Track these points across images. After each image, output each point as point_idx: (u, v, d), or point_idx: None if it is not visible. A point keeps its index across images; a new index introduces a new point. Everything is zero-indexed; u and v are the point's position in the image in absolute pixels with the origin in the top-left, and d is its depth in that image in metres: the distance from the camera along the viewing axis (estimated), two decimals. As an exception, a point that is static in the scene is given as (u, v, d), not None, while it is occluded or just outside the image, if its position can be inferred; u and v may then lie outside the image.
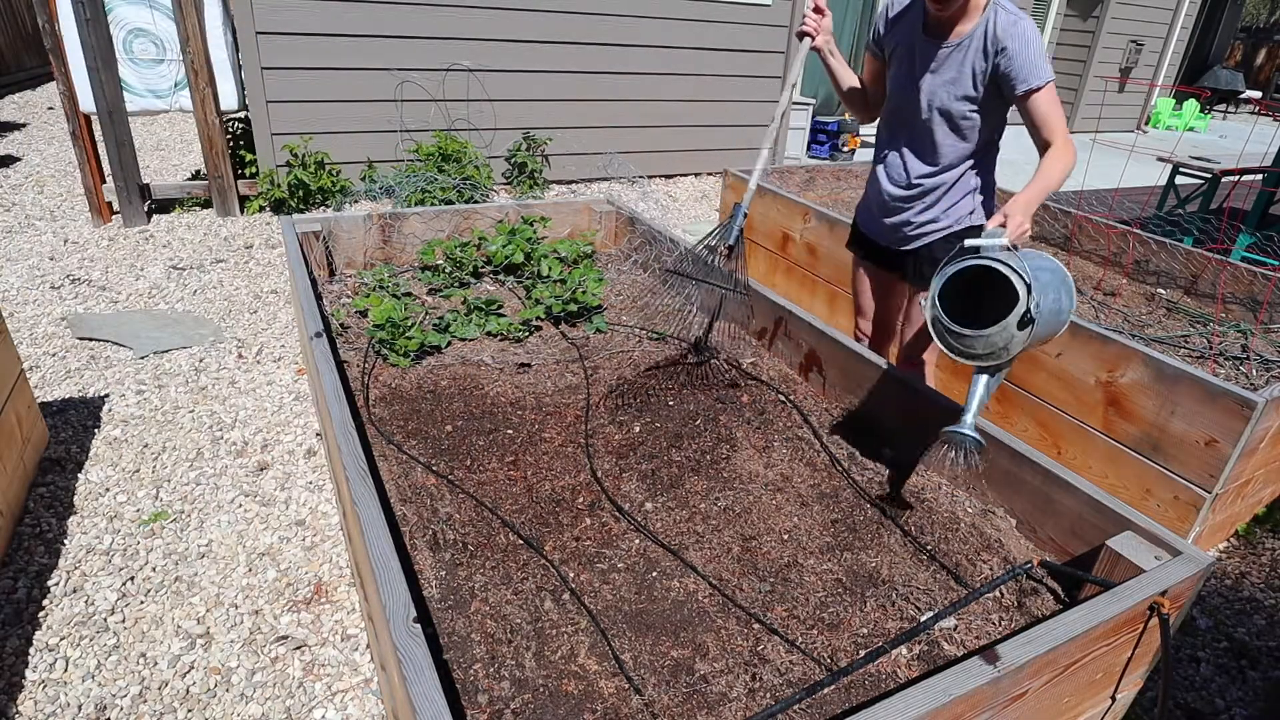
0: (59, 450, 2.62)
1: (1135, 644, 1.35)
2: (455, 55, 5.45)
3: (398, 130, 5.46)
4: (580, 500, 1.78)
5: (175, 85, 4.66)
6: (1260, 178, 5.30)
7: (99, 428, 2.76)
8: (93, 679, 1.84)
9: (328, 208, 5.12)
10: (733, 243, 2.02)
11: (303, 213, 5.01)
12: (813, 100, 7.60)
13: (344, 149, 5.30)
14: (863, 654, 1.40)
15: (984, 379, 1.61)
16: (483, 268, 3.02)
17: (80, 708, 1.77)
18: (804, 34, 2.11)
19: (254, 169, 5.15)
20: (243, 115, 5.15)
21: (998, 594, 1.55)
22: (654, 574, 1.57)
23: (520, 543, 1.63)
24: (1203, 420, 2.18)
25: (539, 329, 2.63)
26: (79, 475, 2.52)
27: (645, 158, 6.50)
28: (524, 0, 5.48)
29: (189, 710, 1.78)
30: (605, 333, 2.63)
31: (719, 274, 2.06)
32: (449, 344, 2.46)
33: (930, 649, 1.43)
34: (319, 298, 2.47)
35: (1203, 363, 2.98)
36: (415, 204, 4.88)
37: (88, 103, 4.36)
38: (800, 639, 1.44)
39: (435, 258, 2.94)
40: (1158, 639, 1.33)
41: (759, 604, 1.52)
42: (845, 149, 7.63)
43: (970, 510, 1.80)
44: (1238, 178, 5.21)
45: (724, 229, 2.04)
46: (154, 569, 2.17)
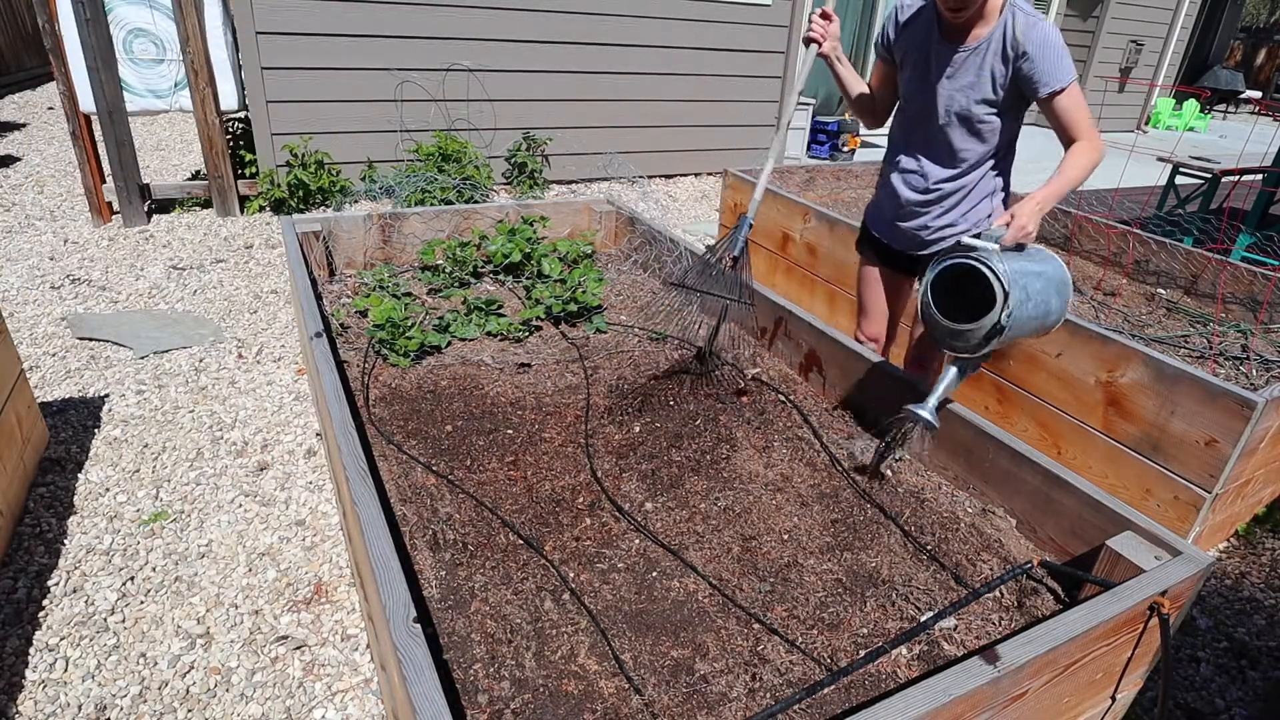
0: (59, 450, 2.62)
1: (1135, 644, 1.35)
2: (455, 55, 5.46)
3: (398, 130, 5.46)
4: (580, 500, 1.78)
5: (175, 85, 4.66)
6: (1260, 178, 5.30)
7: (99, 428, 2.76)
8: (93, 679, 1.84)
9: (328, 208, 5.12)
10: (737, 253, 2.01)
11: (303, 213, 5.00)
12: (813, 100, 7.60)
13: (344, 149, 5.30)
14: (863, 654, 1.40)
15: (953, 370, 1.76)
16: (483, 268, 3.02)
17: (80, 708, 1.77)
18: (811, 40, 2.06)
19: (254, 169, 5.15)
20: (243, 115, 5.15)
21: (998, 594, 1.55)
22: (654, 574, 1.57)
23: (520, 543, 1.63)
24: (1203, 420, 2.18)
25: (539, 329, 2.63)
26: (79, 475, 2.52)
27: (645, 158, 6.50)
28: (524, 0, 5.48)
29: (189, 710, 1.78)
30: (605, 333, 2.63)
31: (723, 284, 2.04)
32: (449, 344, 2.46)
33: (930, 649, 1.43)
34: (319, 298, 2.47)
35: (1203, 363, 2.98)
36: (415, 204, 4.88)
37: (88, 103, 4.36)
38: (800, 639, 1.44)
39: (435, 258, 2.94)
40: (1158, 639, 1.34)
41: (759, 604, 1.52)
42: (845, 149, 7.63)
43: (970, 510, 1.80)
44: (1238, 178, 5.21)
45: (729, 239, 2.03)
46: (154, 569, 2.17)
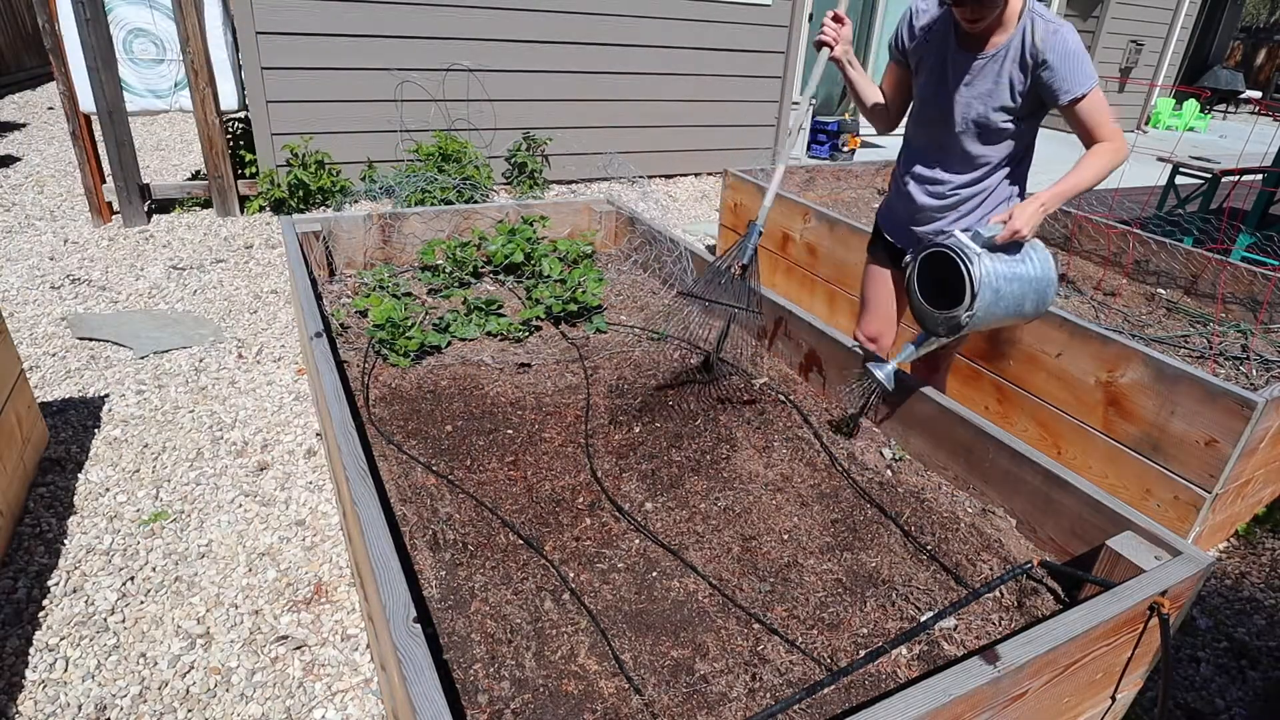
0: (59, 450, 2.62)
1: (1135, 644, 1.35)
2: (455, 55, 5.46)
3: (398, 130, 5.46)
4: (580, 500, 1.78)
5: (175, 85, 4.66)
6: (1260, 178, 5.30)
7: (99, 428, 2.76)
8: (93, 679, 1.84)
9: (328, 208, 5.12)
10: (746, 261, 2.00)
11: (303, 213, 5.00)
12: (813, 100, 7.59)
13: (344, 149, 5.30)
14: (863, 654, 1.40)
15: (928, 342, 1.93)
16: (483, 268, 3.02)
17: (80, 708, 1.77)
18: (822, 43, 2.02)
19: (254, 169, 5.15)
20: (243, 115, 5.15)
21: (998, 594, 1.55)
22: (654, 574, 1.57)
23: (520, 543, 1.63)
24: (1203, 420, 2.18)
25: (539, 329, 2.63)
26: (79, 475, 2.52)
27: (645, 158, 6.50)
28: (524, 0, 5.48)
29: (189, 710, 1.78)
30: (605, 333, 2.63)
31: (731, 292, 2.03)
32: (449, 344, 2.46)
33: (930, 649, 1.43)
34: (319, 298, 2.47)
35: (1203, 363, 2.98)
36: (415, 204, 4.88)
37: (88, 103, 4.36)
38: (800, 639, 1.44)
39: (435, 258, 2.94)
40: (1158, 639, 1.34)
41: (759, 604, 1.52)
42: (845, 149, 7.63)
43: (970, 510, 1.80)
44: (1238, 178, 5.21)
45: (739, 246, 2.02)
46: (154, 569, 2.17)
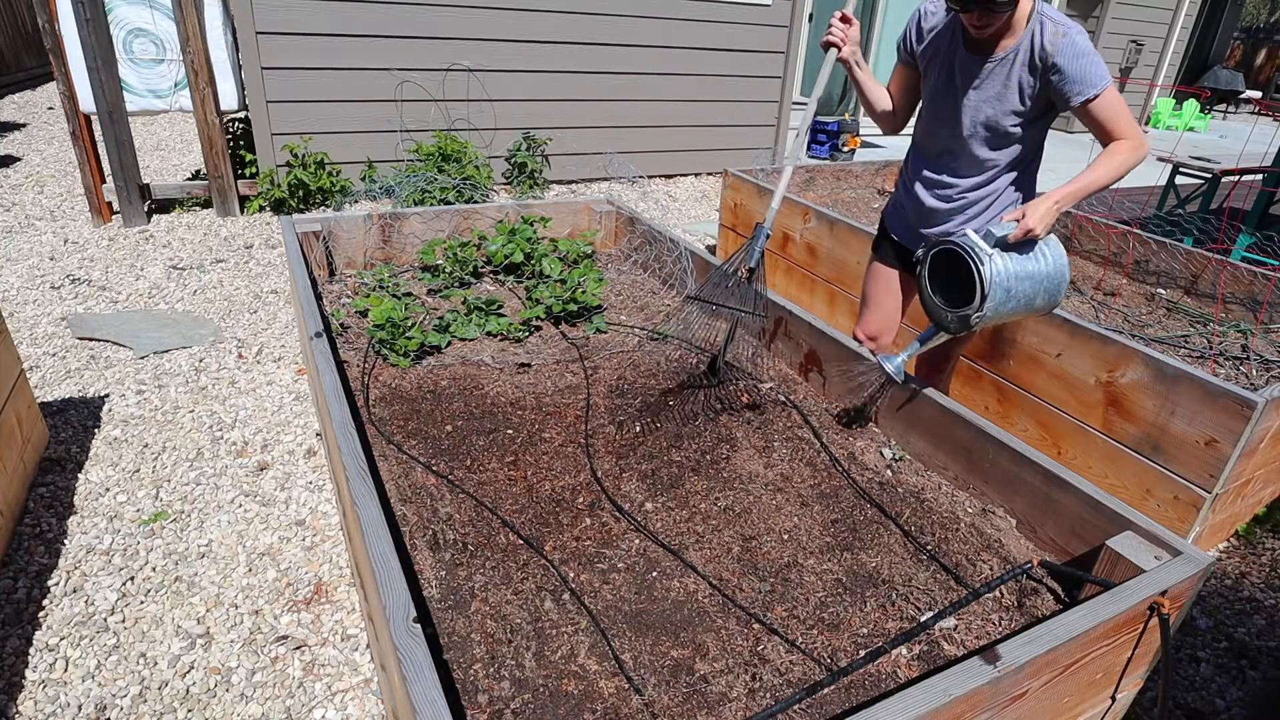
0: (59, 450, 2.62)
1: (1135, 644, 1.35)
2: (455, 55, 5.46)
3: (398, 130, 5.46)
4: (580, 500, 1.78)
5: (175, 85, 4.66)
6: (1260, 178, 5.30)
7: (99, 428, 2.76)
8: (93, 679, 1.84)
9: (328, 208, 5.12)
10: (754, 264, 1.99)
11: (303, 213, 5.01)
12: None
13: (344, 149, 5.30)
14: (863, 654, 1.40)
15: (936, 336, 1.90)
16: (483, 268, 3.02)
17: (80, 708, 1.77)
18: (830, 44, 2.00)
19: (254, 169, 5.15)
20: (243, 115, 5.15)
21: (998, 594, 1.55)
22: (654, 574, 1.57)
23: (520, 543, 1.63)
24: (1203, 420, 2.18)
25: (539, 329, 2.63)
26: (79, 475, 2.52)
27: (645, 158, 6.50)
28: (524, 0, 5.48)
29: (189, 710, 1.78)
30: (605, 333, 2.63)
31: (737, 296, 2.02)
32: (449, 344, 2.46)
33: (930, 649, 1.43)
34: (319, 298, 2.47)
35: (1203, 363, 2.98)
36: (415, 204, 4.88)
37: (88, 103, 4.36)
38: (800, 639, 1.44)
39: (435, 258, 2.94)
40: (1158, 639, 1.34)
41: (759, 604, 1.52)
42: (845, 149, 7.63)
43: (970, 510, 1.80)
44: (1238, 178, 5.21)
45: (746, 249, 2.01)
46: (154, 569, 2.17)
